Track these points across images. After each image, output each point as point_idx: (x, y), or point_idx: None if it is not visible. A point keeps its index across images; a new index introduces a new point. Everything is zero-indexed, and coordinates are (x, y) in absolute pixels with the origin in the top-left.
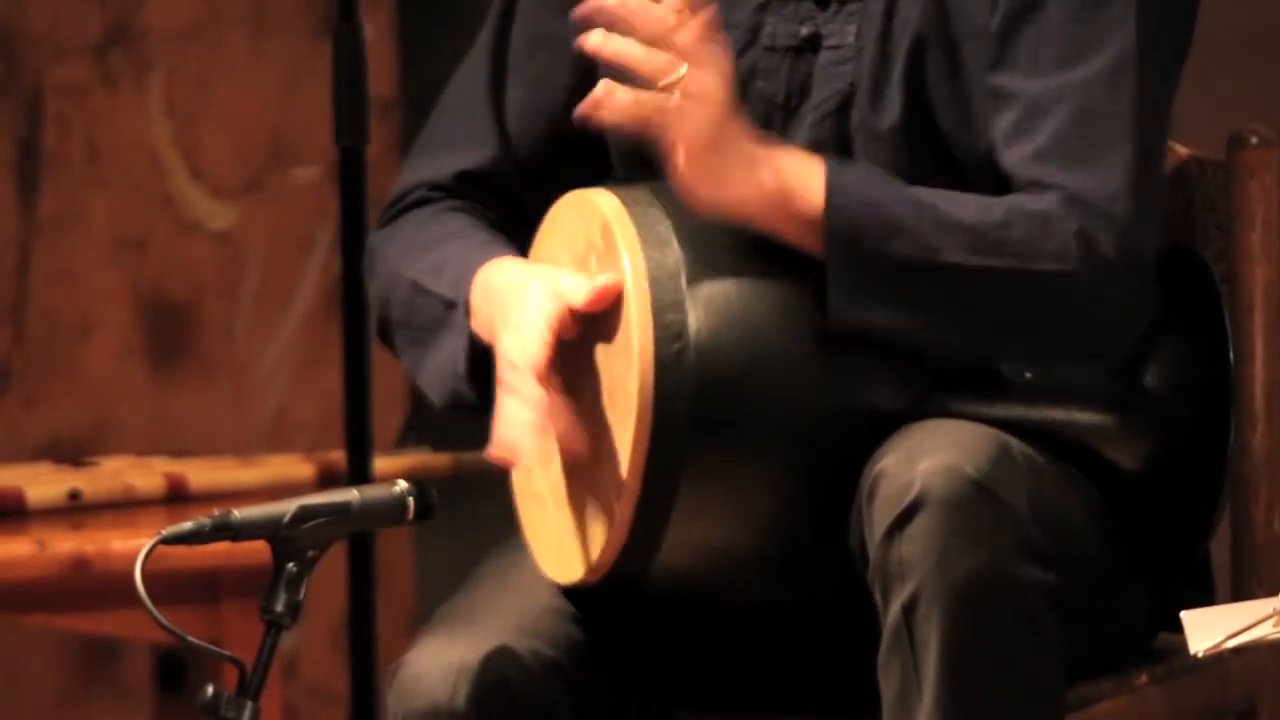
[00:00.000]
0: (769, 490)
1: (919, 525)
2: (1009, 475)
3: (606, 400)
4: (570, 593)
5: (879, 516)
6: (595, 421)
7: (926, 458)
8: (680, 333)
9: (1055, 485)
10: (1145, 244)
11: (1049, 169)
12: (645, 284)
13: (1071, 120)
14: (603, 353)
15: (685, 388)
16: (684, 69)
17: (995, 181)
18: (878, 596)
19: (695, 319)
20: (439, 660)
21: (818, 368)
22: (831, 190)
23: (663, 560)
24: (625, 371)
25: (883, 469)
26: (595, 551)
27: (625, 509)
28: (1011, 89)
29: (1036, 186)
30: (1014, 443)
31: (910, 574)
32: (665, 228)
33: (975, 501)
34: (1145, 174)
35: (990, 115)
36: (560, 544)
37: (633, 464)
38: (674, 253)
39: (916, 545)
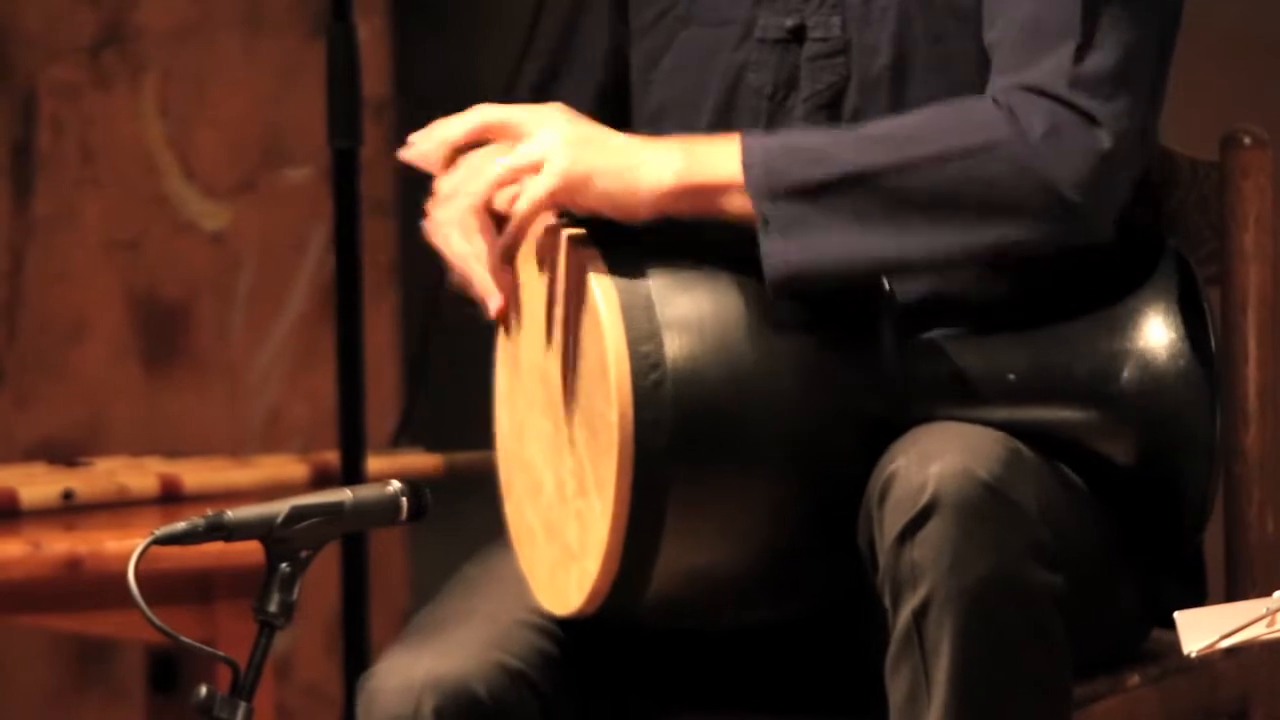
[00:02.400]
0: (758, 512)
1: (932, 529)
2: (1020, 478)
3: (589, 433)
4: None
5: (890, 520)
6: (579, 454)
7: (938, 460)
8: (657, 363)
9: (1055, 485)
10: (1094, 118)
11: (999, 79)
12: (619, 315)
13: (1020, 34)
14: (582, 386)
15: (665, 418)
16: (525, 149)
17: None
18: (887, 600)
19: (671, 347)
20: (405, 673)
21: (799, 384)
22: (746, 143)
23: (655, 587)
24: (605, 405)
25: (894, 471)
26: (588, 584)
27: (614, 541)
28: (991, 41)
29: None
30: (1022, 446)
31: (923, 578)
32: (635, 256)
33: (988, 505)
34: (1095, 61)
35: (979, 92)
36: (554, 577)
37: (618, 496)
38: (645, 281)
39: (929, 549)
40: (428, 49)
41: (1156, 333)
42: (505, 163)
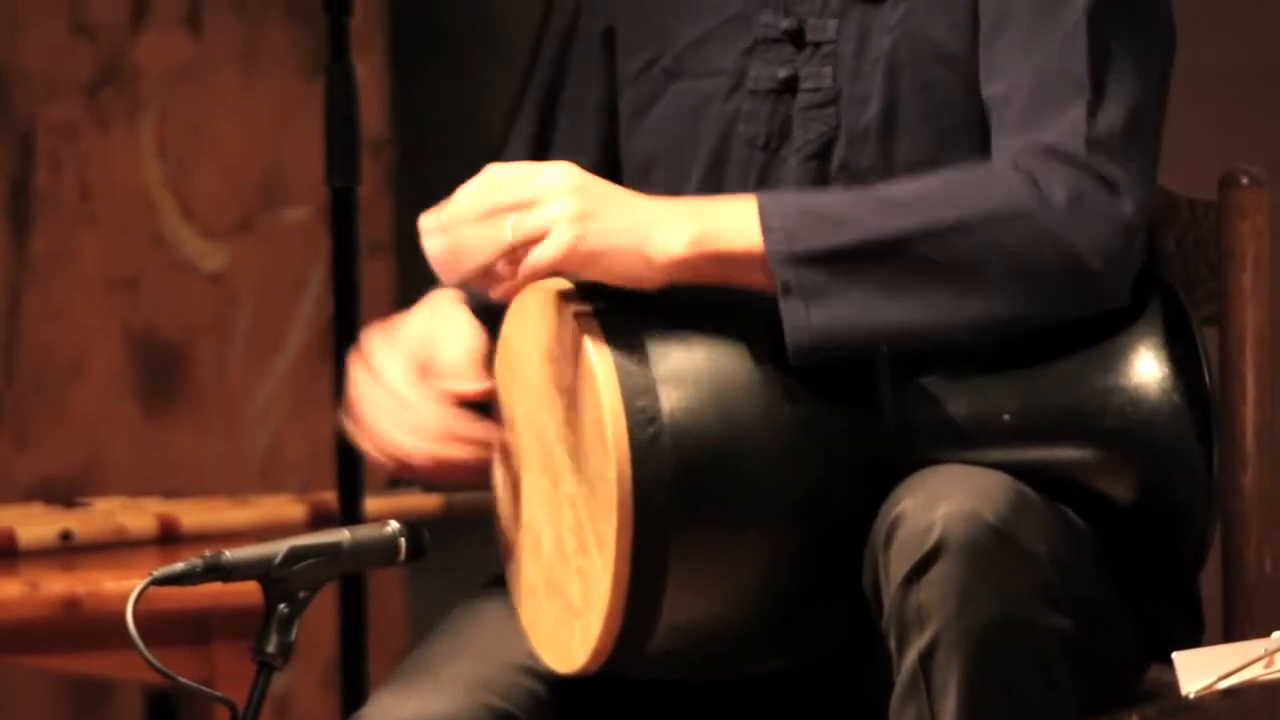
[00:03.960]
0: (760, 562)
1: (938, 572)
2: (1026, 521)
3: (587, 489)
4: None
5: (896, 562)
6: (578, 511)
7: (945, 503)
8: (654, 416)
9: (1059, 526)
10: (1114, 185)
11: (1011, 140)
12: (613, 370)
13: (1029, 93)
14: (578, 442)
15: (664, 473)
16: (529, 219)
17: None
18: (892, 643)
19: (668, 401)
20: (393, 715)
21: (796, 433)
22: (764, 207)
23: (659, 641)
24: (602, 461)
25: (900, 514)
26: (591, 641)
27: (617, 598)
28: (992, 96)
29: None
30: (1027, 488)
31: (929, 621)
32: (629, 310)
33: (995, 548)
34: (1108, 119)
35: (968, 140)
36: (557, 635)
37: (619, 553)
38: (640, 334)
39: (936, 592)
40: (426, 89)
41: (1149, 369)
42: (510, 234)
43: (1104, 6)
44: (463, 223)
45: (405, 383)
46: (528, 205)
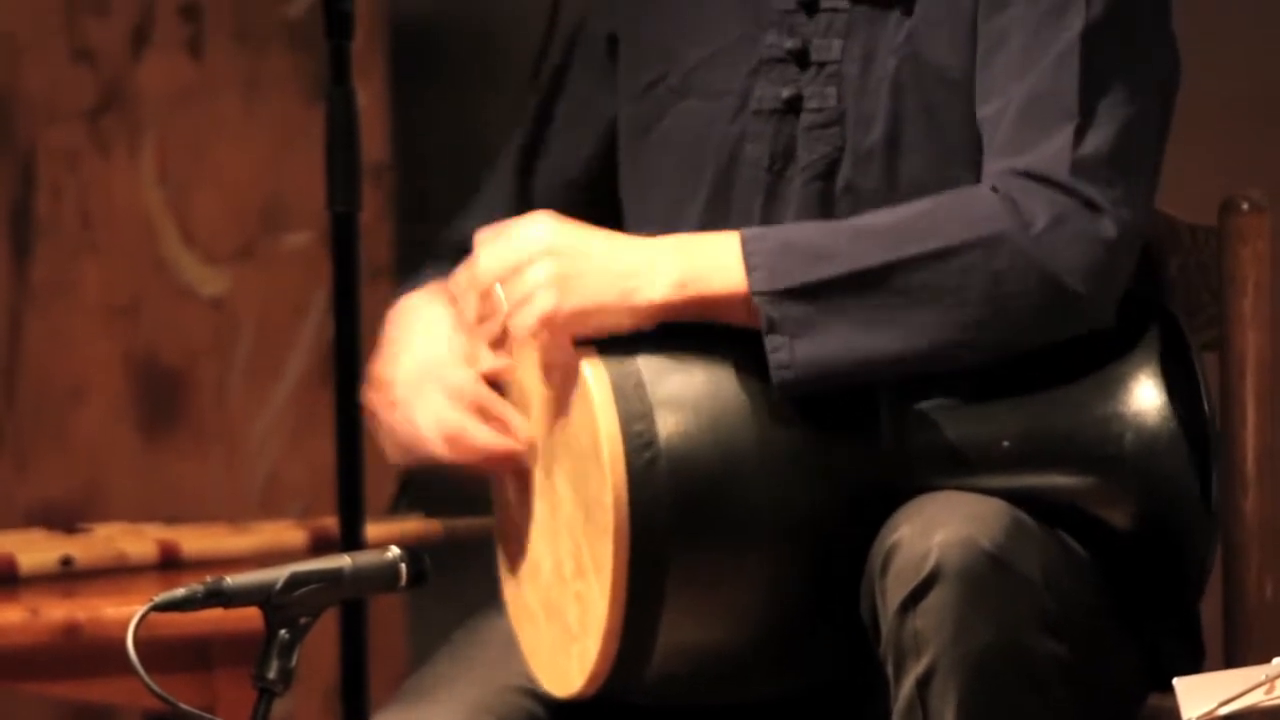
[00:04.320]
0: (757, 587)
1: (935, 598)
2: (1023, 547)
3: (584, 514)
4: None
5: (893, 588)
6: (575, 535)
7: (941, 530)
8: (650, 441)
9: (1057, 553)
10: (1097, 206)
11: (998, 162)
12: (610, 395)
13: (1018, 113)
14: (576, 467)
15: (661, 497)
16: (512, 291)
17: None
18: (890, 670)
19: (664, 425)
20: None
21: (794, 457)
22: (746, 244)
23: (656, 666)
24: (600, 486)
25: (897, 540)
26: (588, 664)
27: (614, 622)
28: (984, 117)
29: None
30: (1025, 515)
31: (926, 647)
32: (625, 335)
33: (991, 575)
34: (1095, 143)
35: (972, 163)
36: (555, 658)
37: (616, 577)
38: (636, 360)
39: (932, 618)
40: (427, 113)
41: (1148, 395)
42: (502, 296)
43: (1099, 30)
44: (464, 297)
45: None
46: (510, 274)
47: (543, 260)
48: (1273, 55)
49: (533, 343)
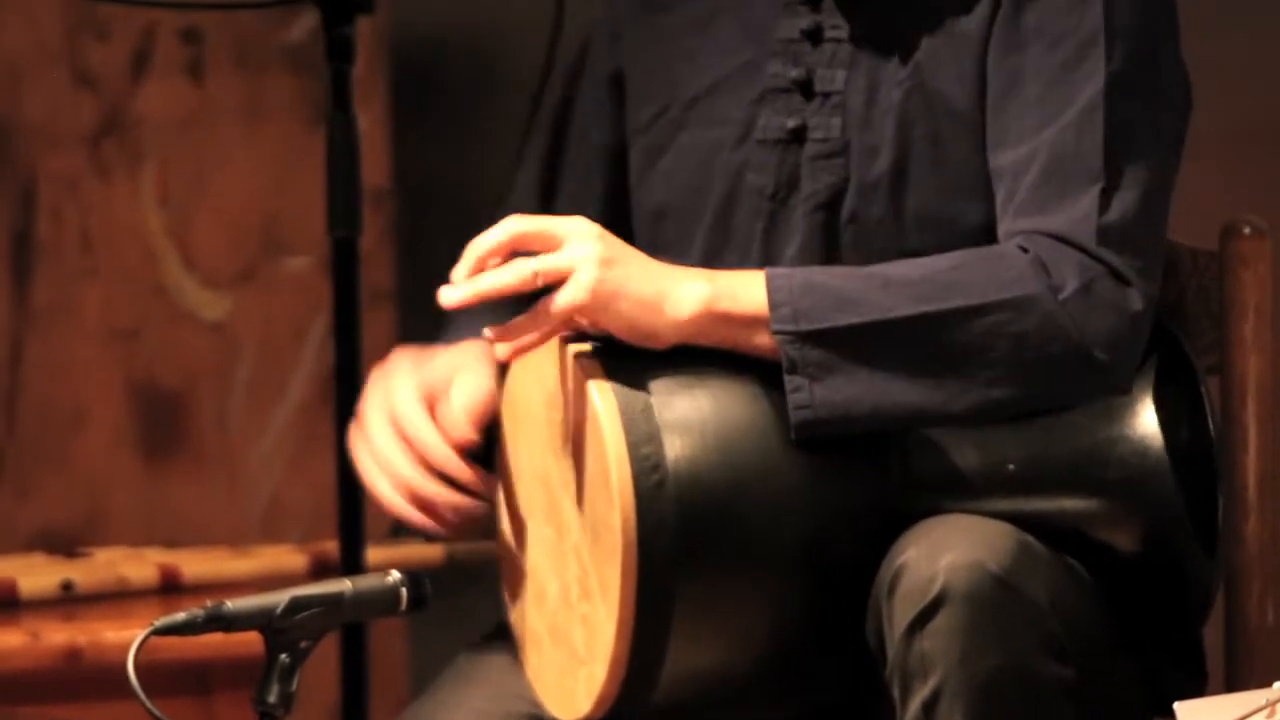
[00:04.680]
0: (764, 610)
1: (941, 621)
2: (1030, 571)
3: (591, 537)
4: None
5: (900, 611)
6: (582, 559)
7: (948, 553)
8: (658, 464)
9: (1062, 577)
10: (1124, 277)
11: (1022, 221)
12: (618, 418)
13: (1042, 172)
14: (583, 490)
15: (669, 520)
16: (554, 258)
17: None
18: (896, 692)
19: (672, 449)
20: None
21: (801, 481)
22: (771, 280)
23: (663, 689)
24: (607, 508)
25: (904, 563)
26: (595, 688)
27: (621, 645)
28: (1001, 165)
29: (1012, 240)
30: (1031, 538)
31: (933, 670)
32: (633, 358)
33: (998, 598)
34: (1120, 208)
35: (976, 194)
36: (561, 682)
37: (623, 600)
38: (644, 383)
39: (939, 641)
40: (427, 138)
41: (1152, 419)
42: (533, 266)
43: (1121, 83)
44: (486, 263)
45: (411, 402)
46: (553, 245)
47: (591, 240)
48: (1274, 81)
49: (546, 345)
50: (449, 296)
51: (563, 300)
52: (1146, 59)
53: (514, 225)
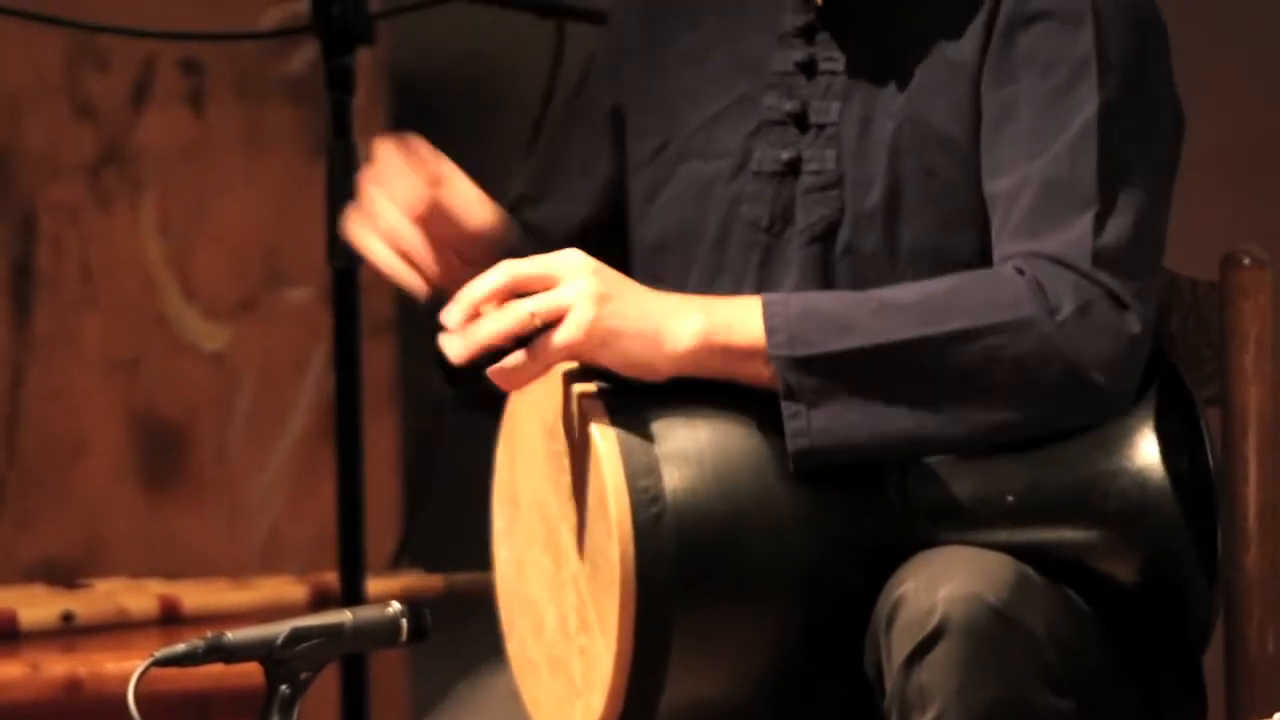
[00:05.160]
0: (762, 641)
1: (940, 653)
2: (1028, 603)
3: (590, 568)
4: None
5: (898, 643)
6: (580, 590)
7: (947, 585)
8: (656, 496)
9: (1061, 608)
10: (1121, 300)
11: (1018, 244)
12: (617, 450)
13: (1036, 197)
14: (581, 521)
15: (667, 552)
16: (550, 296)
17: None
18: None
19: (670, 480)
20: None
21: (800, 513)
22: (768, 306)
23: (660, 717)
24: (606, 540)
25: (902, 595)
26: (593, 719)
27: (619, 677)
28: (995, 192)
29: (1008, 263)
30: (1030, 570)
31: (931, 702)
32: (633, 390)
33: (996, 630)
34: (1115, 232)
35: (970, 225)
36: (559, 713)
37: (621, 633)
38: (643, 414)
39: (938, 673)
40: None
41: (1153, 451)
42: (530, 307)
43: (1115, 110)
44: (481, 306)
45: (392, 161)
46: (548, 284)
47: (586, 275)
48: (1273, 110)
49: (548, 373)
50: (452, 349)
51: (560, 340)
52: (1139, 84)
53: (509, 269)
